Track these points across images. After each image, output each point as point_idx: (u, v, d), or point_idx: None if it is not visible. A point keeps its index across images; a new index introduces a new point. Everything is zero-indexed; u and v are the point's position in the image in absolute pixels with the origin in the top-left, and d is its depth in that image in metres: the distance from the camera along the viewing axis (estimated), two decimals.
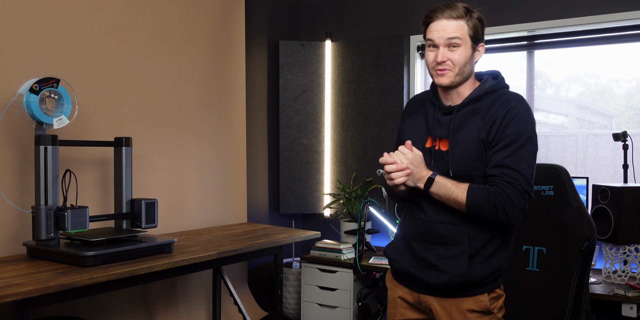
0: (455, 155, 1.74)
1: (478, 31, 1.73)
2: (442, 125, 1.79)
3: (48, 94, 2.39)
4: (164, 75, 3.21)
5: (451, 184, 1.69)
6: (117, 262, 2.31)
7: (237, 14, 3.71)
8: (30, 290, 1.90)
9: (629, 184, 2.99)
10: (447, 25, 1.71)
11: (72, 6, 2.76)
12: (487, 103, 1.74)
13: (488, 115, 1.72)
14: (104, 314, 2.94)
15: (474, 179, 1.72)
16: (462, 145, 1.73)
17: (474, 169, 1.72)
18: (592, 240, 2.10)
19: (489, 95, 1.76)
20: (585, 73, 3.52)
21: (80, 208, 2.37)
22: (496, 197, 1.64)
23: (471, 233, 1.72)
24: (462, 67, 1.73)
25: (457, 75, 1.74)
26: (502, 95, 1.75)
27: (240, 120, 3.74)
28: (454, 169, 1.73)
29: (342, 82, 4.09)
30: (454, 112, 1.78)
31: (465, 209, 1.68)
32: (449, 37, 1.71)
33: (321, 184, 4.14)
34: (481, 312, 1.75)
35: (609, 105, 3.43)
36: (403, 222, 1.90)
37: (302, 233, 3.19)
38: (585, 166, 3.43)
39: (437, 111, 1.82)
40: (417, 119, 1.87)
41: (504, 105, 1.71)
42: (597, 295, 2.71)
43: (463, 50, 1.72)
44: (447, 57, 1.71)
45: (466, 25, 1.71)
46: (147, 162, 3.10)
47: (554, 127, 3.62)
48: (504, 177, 1.65)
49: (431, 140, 1.80)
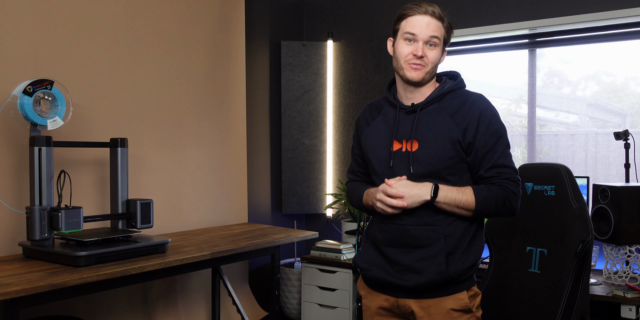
0: (426, 154, 1.73)
1: (449, 36, 1.79)
2: (405, 126, 1.78)
3: (42, 96, 2.41)
4: (162, 76, 3.22)
5: (454, 189, 1.71)
6: (110, 262, 2.32)
7: (237, 14, 3.72)
8: (19, 289, 1.91)
9: (630, 183, 2.94)
10: (431, 22, 1.73)
11: (70, 7, 2.79)
12: (453, 103, 1.76)
13: (459, 115, 1.73)
14: (104, 314, 2.96)
15: (444, 180, 1.73)
16: (434, 144, 1.72)
17: (447, 168, 1.73)
18: (587, 242, 2.06)
19: (451, 94, 1.78)
20: (599, 71, 3.46)
21: (74, 208, 2.39)
22: (502, 194, 1.70)
23: (445, 232, 1.72)
24: (434, 67, 1.77)
25: (428, 73, 1.75)
26: (467, 96, 1.78)
27: (241, 121, 3.74)
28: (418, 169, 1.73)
29: (344, 82, 4.09)
30: (417, 110, 1.77)
31: (472, 211, 1.71)
32: (432, 35, 1.73)
33: (323, 184, 4.14)
34: (461, 311, 1.74)
35: (623, 103, 3.38)
36: (370, 229, 1.88)
37: (300, 233, 3.18)
38: (596, 166, 3.38)
39: (399, 111, 1.80)
40: (376, 125, 1.86)
41: (474, 106, 1.74)
42: (596, 296, 2.67)
43: (438, 51, 1.75)
44: (426, 53, 1.72)
45: (443, 27, 1.75)
46: (146, 162, 3.12)
47: (567, 126, 3.56)
48: (502, 175, 1.72)
49: (397, 142, 1.78)
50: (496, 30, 3.51)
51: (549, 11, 3.35)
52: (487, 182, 1.73)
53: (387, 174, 1.78)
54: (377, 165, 1.83)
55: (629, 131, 3.01)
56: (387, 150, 1.79)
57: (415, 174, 1.73)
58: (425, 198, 1.69)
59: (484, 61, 3.77)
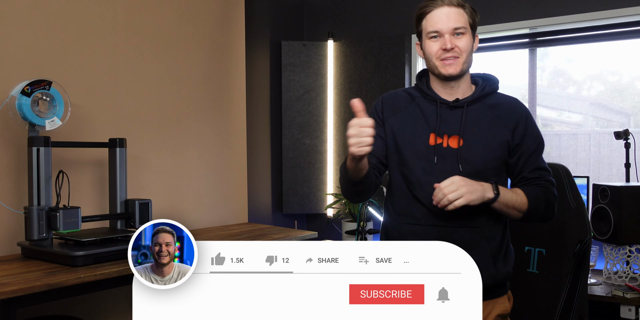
0: (473, 153, 1.66)
1: (475, 20, 1.69)
2: (447, 121, 1.68)
3: (40, 96, 2.43)
4: (162, 76, 3.23)
5: (508, 190, 1.65)
6: (107, 262, 2.33)
7: (237, 14, 3.73)
8: (15, 289, 1.93)
9: (630, 183, 2.92)
10: (450, 13, 1.64)
11: (69, 7, 2.80)
12: (498, 104, 1.72)
13: (505, 116, 1.69)
14: (103, 314, 2.98)
15: (487, 179, 1.64)
16: (482, 143, 1.66)
17: (493, 168, 1.67)
18: (585, 242, 2.05)
19: (493, 95, 1.74)
20: (604, 71, 3.44)
21: (72, 208, 2.41)
22: (548, 196, 1.69)
23: (488, 234, 1.68)
24: (469, 55, 1.67)
25: (465, 63, 1.66)
26: (507, 97, 1.76)
27: (240, 121, 3.75)
28: (467, 167, 1.64)
29: (344, 82, 4.08)
30: (464, 106, 1.69)
31: (524, 212, 1.66)
32: (455, 26, 1.63)
33: (324, 184, 4.14)
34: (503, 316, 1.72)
35: (627, 103, 3.35)
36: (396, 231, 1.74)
37: (299, 233, 3.19)
38: (599, 165, 3.36)
39: (440, 106, 1.71)
40: (407, 115, 1.74)
41: (519, 108, 1.72)
42: (595, 296, 2.66)
43: (468, 37, 1.66)
44: (455, 44, 1.64)
45: (465, 13, 1.66)
46: (146, 162, 3.13)
47: (570, 126, 3.54)
48: (543, 176, 1.71)
49: (434, 137, 1.68)
50: (496, 29, 3.49)
51: (549, 11, 3.34)
52: (530, 183, 1.69)
53: (426, 168, 1.68)
54: (410, 156, 1.71)
55: (631, 131, 3.00)
56: (423, 144, 1.69)
57: (463, 172, 1.63)
58: (489, 196, 1.58)
59: (485, 61, 3.76)
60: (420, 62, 3.85)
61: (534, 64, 3.54)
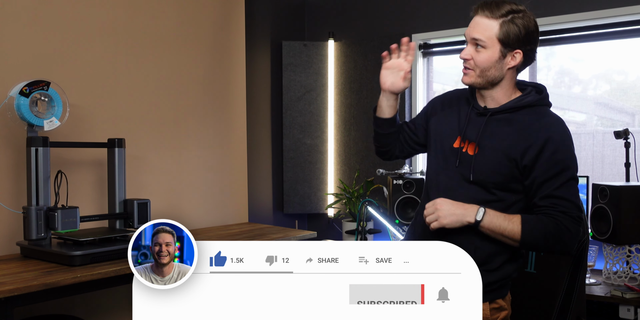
0: (481, 163, 1.65)
1: (510, 36, 1.59)
2: (473, 127, 1.69)
3: (38, 97, 2.42)
4: (162, 76, 3.23)
5: (502, 216, 1.60)
6: (105, 261, 2.33)
7: (237, 14, 3.72)
8: (12, 289, 1.92)
9: (630, 182, 2.92)
10: (479, 23, 1.62)
11: (67, 7, 2.79)
12: (527, 119, 1.63)
13: (525, 133, 1.61)
14: (103, 314, 2.97)
15: (489, 192, 1.64)
16: (490, 155, 1.64)
17: (495, 183, 1.64)
18: (582, 242, 2.05)
19: (529, 109, 1.65)
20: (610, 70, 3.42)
21: (70, 208, 2.40)
22: (554, 227, 1.57)
23: (478, 243, 1.64)
24: (485, 70, 1.63)
25: (479, 77, 1.65)
26: (544, 115, 1.65)
27: (241, 121, 3.75)
28: (477, 177, 1.64)
29: (345, 82, 4.08)
30: (487, 115, 1.67)
31: (518, 242, 1.59)
32: (473, 37, 1.62)
33: (325, 184, 4.14)
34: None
35: (632, 102, 3.34)
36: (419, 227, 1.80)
37: (298, 233, 3.18)
38: (602, 165, 3.35)
39: (472, 110, 1.71)
40: (449, 115, 1.77)
41: (544, 128, 1.60)
42: (594, 296, 2.65)
43: (488, 53, 1.62)
44: (471, 56, 1.64)
45: (499, 27, 1.60)
46: (146, 162, 3.13)
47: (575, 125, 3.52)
48: (557, 206, 1.59)
49: (460, 140, 1.70)
50: None
51: (554, 9, 3.33)
52: (539, 211, 1.61)
53: (443, 170, 1.72)
54: (434, 153, 1.77)
55: (635, 130, 2.98)
56: (449, 144, 1.72)
57: (473, 180, 1.65)
58: (469, 220, 1.58)
59: None
60: (420, 62, 3.85)
61: (534, 64, 3.53)
